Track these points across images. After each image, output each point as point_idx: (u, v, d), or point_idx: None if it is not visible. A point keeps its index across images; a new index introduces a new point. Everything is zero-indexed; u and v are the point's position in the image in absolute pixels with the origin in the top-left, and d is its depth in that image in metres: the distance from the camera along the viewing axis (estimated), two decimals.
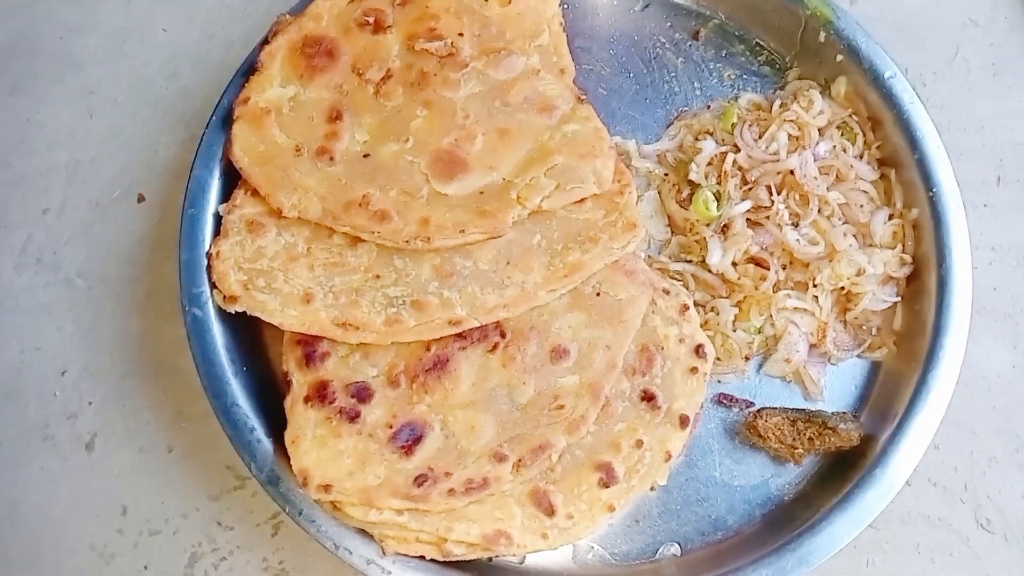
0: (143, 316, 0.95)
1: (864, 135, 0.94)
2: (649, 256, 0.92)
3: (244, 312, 0.82)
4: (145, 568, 0.87)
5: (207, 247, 0.86)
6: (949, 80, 1.04)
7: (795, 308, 0.89)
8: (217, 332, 0.84)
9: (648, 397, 0.83)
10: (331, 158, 0.87)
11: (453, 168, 0.86)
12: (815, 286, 0.88)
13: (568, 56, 0.92)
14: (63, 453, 0.91)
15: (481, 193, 0.85)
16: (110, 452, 0.90)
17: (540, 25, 0.92)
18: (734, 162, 0.91)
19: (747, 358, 0.88)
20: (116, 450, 0.90)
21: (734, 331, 0.88)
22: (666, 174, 0.94)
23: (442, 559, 0.78)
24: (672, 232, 0.93)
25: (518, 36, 0.92)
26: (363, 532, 0.79)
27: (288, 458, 0.78)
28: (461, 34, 0.91)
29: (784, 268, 0.89)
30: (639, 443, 0.81)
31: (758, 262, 0.89)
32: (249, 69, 0.91)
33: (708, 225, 0.90)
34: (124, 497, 0.89)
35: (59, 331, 0.95)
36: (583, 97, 0.90)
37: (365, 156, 0.87)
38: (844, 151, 0.92)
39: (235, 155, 0.87)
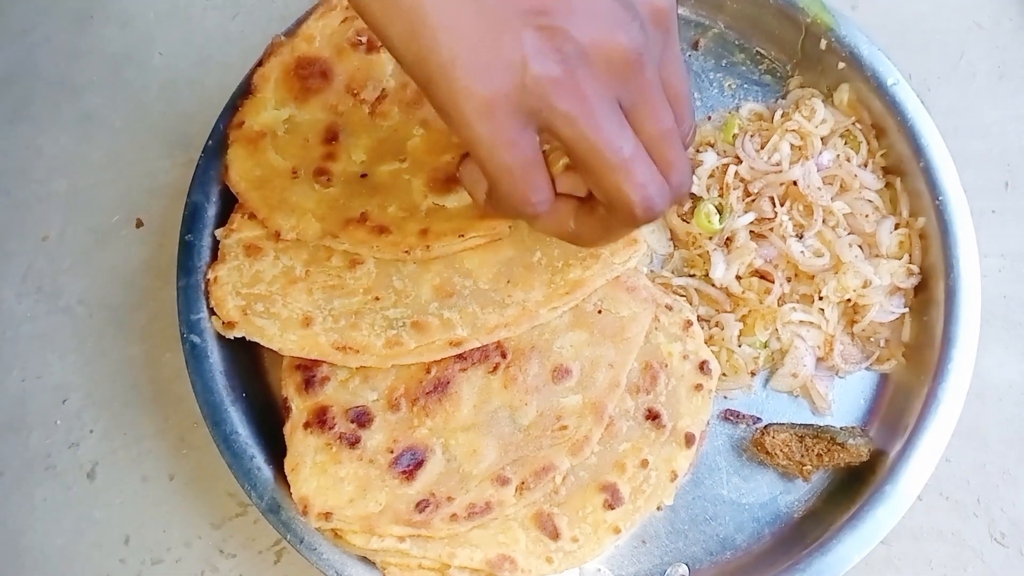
0: (144, 343, 0.94)
1: (868, 143, 0.92)
2: (652, 271, 0.90)
3: (243, 338, 0.82)
4: None
5: (205, 273, 0.85)
6: (954, 85, 1.03)
7: (801, 321, 0.87)
8: (216, 359, 0.84)
9: (652, 416, 0.81)
10: (328, 179, 0.86)
11: (451, 182, 0.85)
12: (821, 299, 0.87)
13: None
14: (65, 482, 0.90)
15: None
16: (112, 481, 0.90)
17: None
18: (736, 174, 0.90)
19: (753, 373, 0.87)
20: (118, 479, 0.90)
21: (739, 346, 0.87)
22: None
23: None
24: (675, 246, 0.92)
25: None
26: (366, 560, 0.78)
27: (289, 485, 0.77)
28: None
29: (789, 281, 0.88)
30: (644, 463, 0.80)
31: (763, 275, 0.88)
32: (244, 92, 0.90)
33: (711, 238, 0.89)
34: (126, 526, 0.88)
35: (60, 359, 0.95)
36: None
37: (362, 176, 0.87)
38: (848, 160, 0.91)
39: (232, 180, 0.87)
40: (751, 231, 0.89)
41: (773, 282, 0.87)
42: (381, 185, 0.86)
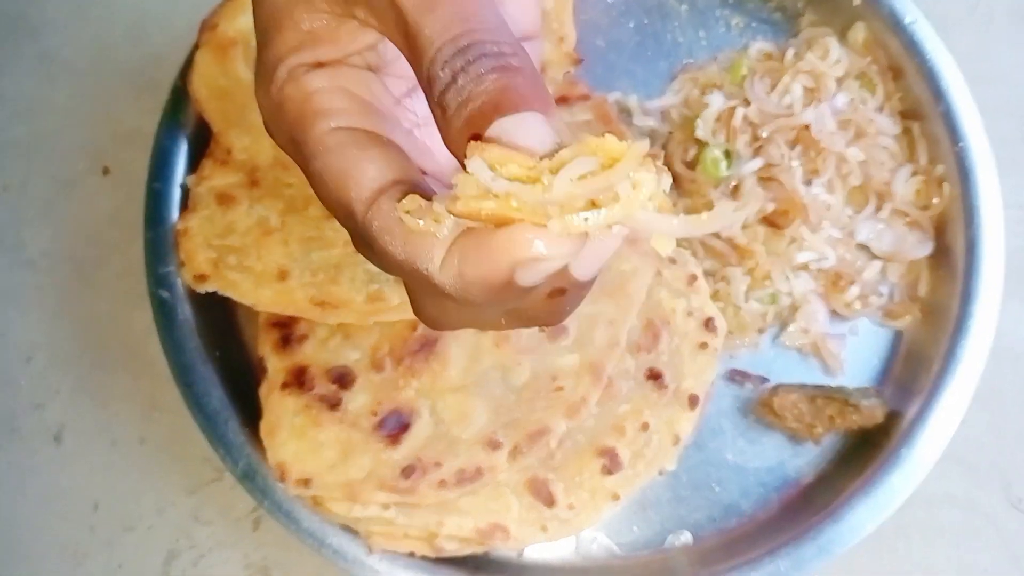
0: (112, 299, 0.89)
1: (884, 86, 0.87)
2: None
3: (215, 292, 0.77)
4: (120, 567, 0.82)
5: (174, 223, 0.80)
6: (971, 29, 0.97)
7: (807, 264, 0.82)
8: (187, 315, 0.78)
9: (654, 376, 0.77)
10: None
11: None
12: None
13: (571, 24, 0.85)
14: (31, 447, 0.85)
15: None
16: (80, 445, 0.85)
17: None
18: (744, 117, 0.84)
19: (761, 331, 0.82)
20: (86, 443, 0.85)
21: (747, 302, 0.82)
22: (671, 132, 0.87)
23: (433, 555, 0.73)
24: (678, 195, 0.86)
25: None
26: (348, 528, 0.73)
27: (265, 450, 0.73)
28: None
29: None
30: (645, 426, 0.75)
31: (770, 222, 0.83)
32: None
33: (716, 187, 0.83)
34: (95, 493, 0.84)
35: (24, 316, 0.89)
36: (580, 59, 0.84)
37: None
38: (863, 103, 0.85)
39: (192, 85, 0.81)
40: (758, 177, 0.83)
41: (781, 229, 0.82)
42: None
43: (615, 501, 0.74)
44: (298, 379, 0.74)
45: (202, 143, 0.82)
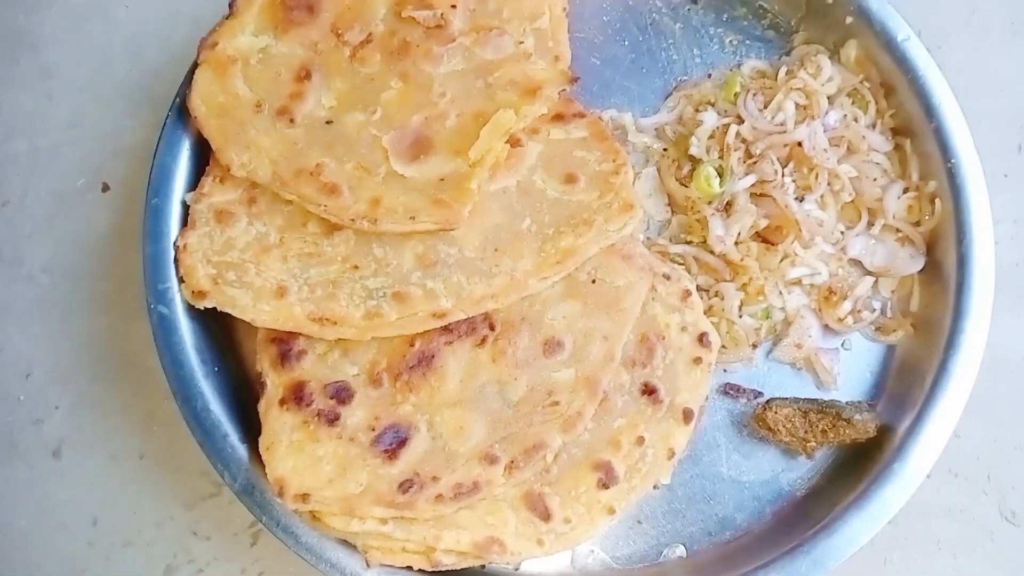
0: (111, 313, 0.89)
1: (877, 103, 0.87)
2: (648, 238, 0.86)
3: (214, 308, 0.77)
4: None
5: (174, 239, 0.80)
6: (966, 42, 0.98)
7: (800, 279, 0.83)
8: (186, 331, 0.79)
9: (649, 390, 0.77)
10: (291, 119, 0.81)
11: (417, 148, 0.80)
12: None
13: (566, 43, 0.86)
14: (29, 461, 0.86)
15: (441, 180, 0.79)
16: (79, 459, 0.86)
17: (541, 7, 0.86)
18: (737, 134, 0.85)
19: (755, 345, 0.83)
20: (85, 457, 0.86)
21: (740, 317, 0.82)
22: (665, 149, 0.88)
23: (431, 569, 0.73)
24: (672, 212, 0.87)
25: (516, 16, 0.85)
26: (346, 543, 0.74)
27: (264, 465, 0.73)
28: (454, 6, 0.84)
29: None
30: (640, 440, 0.76)
31: (763, 238, 0.84)
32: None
33: (710, 203, 0.84)
34: (94, 507, 0.84)
35: (23, 331, 0.90)
36: (576, 78, 0.84)
37: (328, 123, 0.82)
38: (855, 120, 0.86)
39: (192, 102, 0.82)
40: (752, 192, 0.84)
41: (774, 245, 0.83)
42: (344, 136, 0.81)
43: (611, 515, 0.75)
44: (296, 395, 0.75)
45: (201, 160, 0.83)
